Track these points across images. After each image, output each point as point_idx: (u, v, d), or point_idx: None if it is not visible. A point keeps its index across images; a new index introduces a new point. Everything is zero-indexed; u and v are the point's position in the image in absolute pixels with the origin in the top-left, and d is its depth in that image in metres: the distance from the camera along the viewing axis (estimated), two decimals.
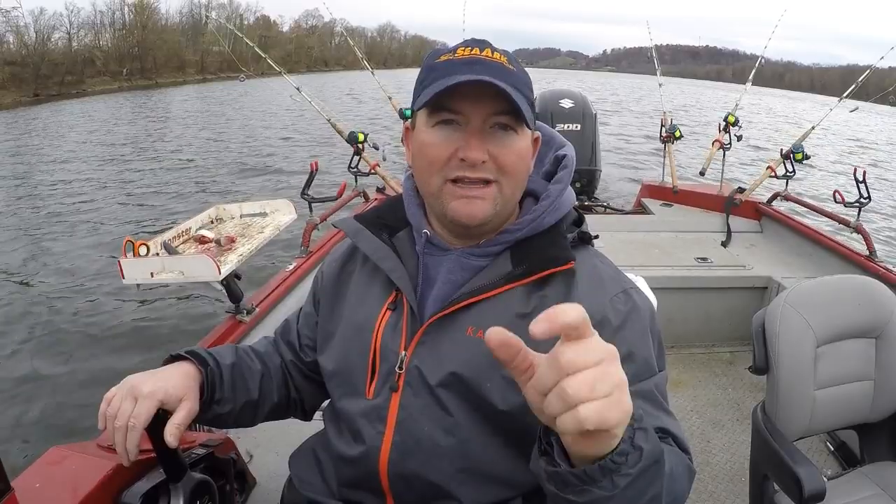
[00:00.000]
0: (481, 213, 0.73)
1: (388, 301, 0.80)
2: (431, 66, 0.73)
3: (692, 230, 3.29)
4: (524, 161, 0.74)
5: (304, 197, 2.55)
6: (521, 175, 0.75)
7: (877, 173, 11.19)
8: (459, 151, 0.71)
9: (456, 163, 0.71)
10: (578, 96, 4.10)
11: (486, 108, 0.70)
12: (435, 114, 0.72)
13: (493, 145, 0.71)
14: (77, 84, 31.86)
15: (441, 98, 0.69)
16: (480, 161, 0.70)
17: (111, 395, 0.73)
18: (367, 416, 0.78)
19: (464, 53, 0.72)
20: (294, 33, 68.48)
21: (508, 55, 0.74)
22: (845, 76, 78.99)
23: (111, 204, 7.78)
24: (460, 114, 0.70)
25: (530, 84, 0.75)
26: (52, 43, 34.08)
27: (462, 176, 0.72)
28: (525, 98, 0.71)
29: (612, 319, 0.72)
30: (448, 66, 0.71)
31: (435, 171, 0.73)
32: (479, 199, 0.72)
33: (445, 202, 0.74)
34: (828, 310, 1.32)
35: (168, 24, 46.97)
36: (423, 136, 0.73)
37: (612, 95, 31.69)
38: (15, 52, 30.42)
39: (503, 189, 0.73)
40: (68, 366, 3.73)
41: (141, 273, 1.43)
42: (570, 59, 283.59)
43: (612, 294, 0.74)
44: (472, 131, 0.71)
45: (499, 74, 0.70)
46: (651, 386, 0.71)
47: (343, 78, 36.83)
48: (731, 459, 1.98)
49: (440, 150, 0.72)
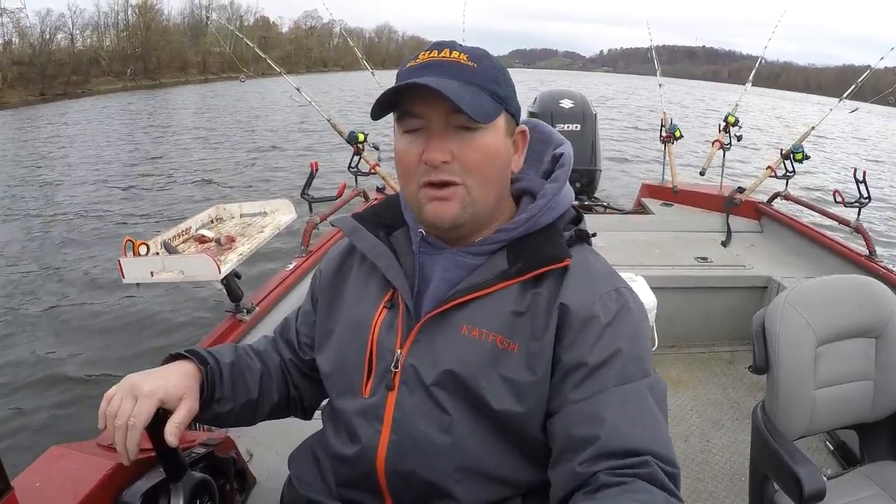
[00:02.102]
0: (450, 214, 0.73)
1: (385, 299, 0.80)
2: (398, 74, 0.74)
3: (692, 230, 3.29)
4: (492, 158, 0.73)
5: (304, 197, 2.55)
6: (490, 173, 0.74)
7: (877, 173, 11.21)
8: (424, 154, 0.71)
9: (423, 167, 0.72)
10: (578, 96, 4.10)
11: (442, 109, 0.70)
12: (401, 121, 0.73)
13: (457, 146, 0.71)
14: (82, 84, 32.12)
15: (403, 104, 0.71)
16: (440, 161, 0.71)
17: (111, 395, 0.73)
18: (364, 414, 0.78)
19: (424, 57, 0.73)
20: (293, 34, 68.52)
21: (474, 52, 0.74)
22: (841, 76, 79.02)
23: (111, 203, 7.79)
24: (422, 118, 0.71)
25: (498, 77, 0.74)
26: (56, 43, 34.36)
27: (428, 180, 0.72)
28: (488, 92, 0.72)
29: (602, 316, 0.71)
30: (406, 72, 0.73)
31: (409, 176, 0.74)
32: (447, 202, 0.73)
33: (422, 206, 0.75)
34: (828, 310, 1.32)
35: (171, 24, 47.28)
36: (397, 143, 0.75)
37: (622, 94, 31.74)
38: (21, 52, 30.64)
39: (471, 189, 0.73)
40: (68, 365, 3.73)
41: (141, 272, 1.43)
42: (567, 60, 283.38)
43: (602, 291, 0.74)
44: (431, 133, 0.71)
45: (449, 73, 0.70)
46: (642, 388, 0.69)
47: (343, 79, 36.85)
48: (731, 459, 1.98)
49: (410, 155, 0.73)
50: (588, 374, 0.69)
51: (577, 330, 0.71)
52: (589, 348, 0.70)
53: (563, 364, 0.71)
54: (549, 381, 0.72)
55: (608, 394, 0.68)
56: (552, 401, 0.72)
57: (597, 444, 0.65)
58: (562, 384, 0.71)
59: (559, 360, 0.71)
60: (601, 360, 0.69)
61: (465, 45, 0.75)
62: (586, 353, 0.70)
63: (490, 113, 0.71)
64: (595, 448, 0.65)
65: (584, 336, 0.71)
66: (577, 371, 0.70)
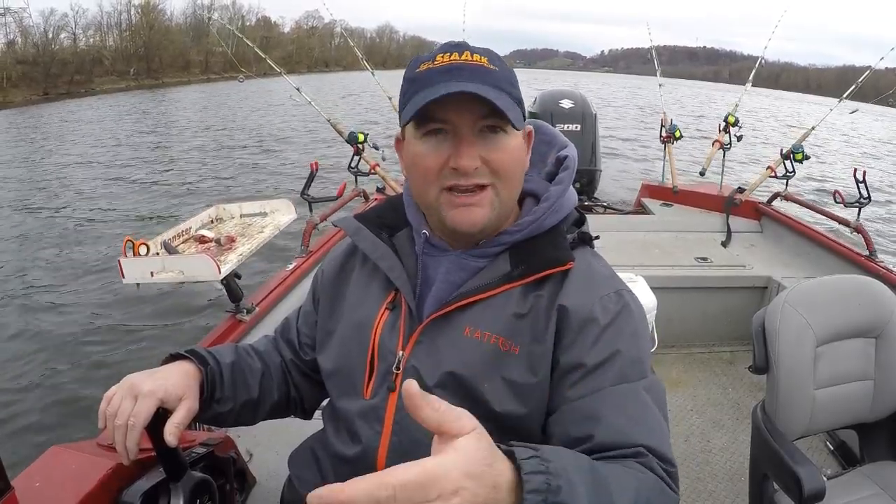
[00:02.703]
0: (481, 219, 0.73)
1: (387, 301, 0.80)
2: (412, 78, 0.72)
3: (692, 230, 3.29)
4: (518, 160, 0.74)
5: (304, 197, 2.55)
6: (516, 175, 0.75)
7: (876, 173, 11.20)
8: (451, 160, 0.70)
9: (449, 172, 0.71)
10: (578, 96, 4.11)
11: (471, 115, 0.69)
12: (422, 125, 0.71)
13: (484, 149, 0.70)
14: (85, 83, 32.32)
15: (426, 110, 0.69)
16: (473, 168, 0.70)
17: (111, 394, 0.73)
18: (365, 416, 0.78)
19: (442, 60, 0.71)
20: (295, 34, 68.59)
21: (489, 54, 0.73)
22: (841, 77, 78.96)
23: (112, 203, 7.79)
24: (447, 122, 0.70)
25: (514, 80, 0.74)
26: (58, 43, 34.57)
27: (456, 184, 0.71)
28: (509, 95, 0.71)
29: (601, 318, 0.71)
30: (427, 76, 0.70)
31: (430, 181, 0.73)
32: (477, 207, 0.72)
33: (444, 212, 0.73)
34: (828, 309, 1.32)
35: (173, 24, 47.45)
36: (414, 147, 0.73)
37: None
38: (25, 52, 30.84)
39: (500, 191, 0.73)
40: (68, 365, 3.72)
41: (141, 273, 1.43)
42: (567, 60, 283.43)
43: (602, 293, 0.73)
44: (461, 140, 0.70)
45: (479, 77, 0.69)
46: (639, 388, 0.69)
47: (343, 79, 36.89)
48: (731, 459, 1.98)
49: (432, 160, 0.71)
50: (586, 374, 0.69)
51: (575, 331, 0.71)
52: (587, 349, 0.70)
53: (562, 365, 0.71)
54: (549, 382, 0.72)
55: (605, 392, 0.68)
56: (551, 401, 0.72)
57: (593, 441, 0.65)
58: (560, 384, 0.71)
59: (557, 361, 0.71)
60: (599, 360, 0.69)
61: (475, 46, 0.74)
62: (584, 353, 0.70)
63: (519, 116, 0.71)
64: (591, 445, 0.64)
65: (582, 337, 0.71)
66: (575, 371, 0.70)
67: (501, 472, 0.43)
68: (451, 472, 0.40)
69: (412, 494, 0.38)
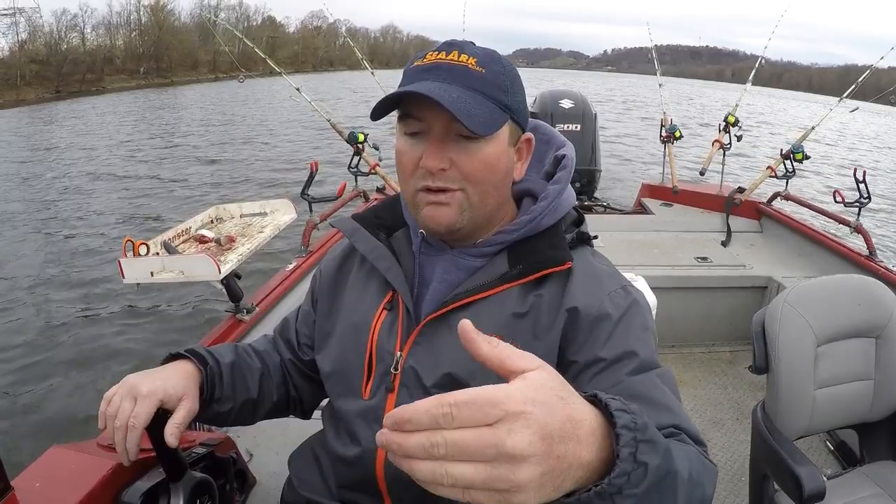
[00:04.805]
0: (446, 219, 0.72)
1: (385, 301, 0.80)
2: (404, 73, 0.73)
3: (692, 230, 3.29)
4: (492, 169, 0.72)
5: (304, 197, 2.55)
6: (489, 182, 0.72)
7: (876, 173, 11.19)
8: (422, 160, 0.70)
9: (421, 171, 0.71)
10: (578, 96, 4.10)
11: (443, 116, 0.67)
12: (403, 122, 0.72)
13: (456, 153, 0.70)
14: (96, 82, 32.76)
15: (405, 106, 0.69)
16: (438, 169, 0.69)
17: (111, 395, 0.73)
18: (364, 416, 0.78)
19: (430, 58, 0.71)
20: (300, 34, 68.61)
21: (485, 55, 0.71)
22: (843, 76, 78.85)
23: (112, 203, 7.79)
24: (424, 122, 0.70)
25: (506, 85, 0.71)
26: (68, 42, 34.93)
27: (426, 185, 0.71)
28: (491, 100, 0.69)
29: (612, 313, 0.71)
30: (411, 73, 0.71)
31: (407, 179, 0.73)
32: (444, 206, 0.72)
33: (419, 209, 0.74)
34: (828, 309, 1.32)
35: (182, 24, 47.78)
36: (398, 143, 0.74)
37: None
38: (37, 51, 31.15)
39: (470, 196, 0.72)
40: (68, 365, 3.73)
41: (141, 272, 1.43)
42: (570, 60, 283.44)
43: (610, 290, 0.74)
44: (431, 140, 0.70)
45: (455, 79, 0.68)
46: (655, 377, 0.68)
47: (345, 81, 36.95)
48: (731, 459, 1.98)
49: (408, 158, 0.72)
50: (604, 369, 0.69)
51: (587, 330, 0.71)
52: (602, 345, 0.70)
53: (579, 364, 0.70)
54: None
55: (626, 383, 0.67)
56: None
57: None
58: (577, 381, 0.70)
59: (573, 361, 0.71)
60: (616, 354, 0.69)
61: (476, 47, 0.73)
62: (599, 349, 0.70)
63: (492, 123, 0.69)
64: None
65: (596, 334, 0.70)
66: (592, 367, 0.69)
67: (579, 409, 0.41)
68: (514, 395, 0.39)
69: (472, 413, 0.37)
